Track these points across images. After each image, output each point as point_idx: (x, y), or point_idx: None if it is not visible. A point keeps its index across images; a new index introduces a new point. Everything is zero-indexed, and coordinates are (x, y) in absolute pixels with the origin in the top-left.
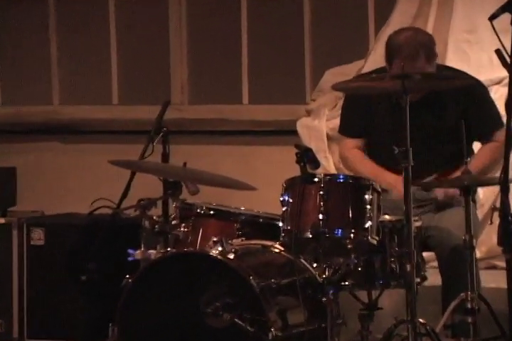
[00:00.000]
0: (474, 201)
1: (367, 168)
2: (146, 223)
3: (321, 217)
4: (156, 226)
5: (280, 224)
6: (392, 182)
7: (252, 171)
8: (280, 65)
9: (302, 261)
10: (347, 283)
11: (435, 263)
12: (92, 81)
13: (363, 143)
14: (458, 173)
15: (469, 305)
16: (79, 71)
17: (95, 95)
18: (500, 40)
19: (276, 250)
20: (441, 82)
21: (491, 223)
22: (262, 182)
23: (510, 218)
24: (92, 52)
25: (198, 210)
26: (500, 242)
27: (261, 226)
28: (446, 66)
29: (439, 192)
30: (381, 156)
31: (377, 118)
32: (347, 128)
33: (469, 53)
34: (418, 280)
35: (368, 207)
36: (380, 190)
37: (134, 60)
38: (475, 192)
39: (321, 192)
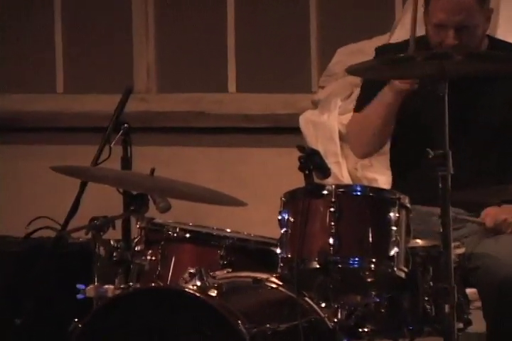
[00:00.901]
0: None
1: (371, 106)
2: (101, 249)
3: (331, 241)
4: (114, 254)
5: (278, 250)
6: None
7: (240, 181)
8: (278, 41)
9: (307, 299)
10: (366, 329)
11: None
12: (29, 62)
13: None
14: None
15: None
16: (10, 50)
17: (33, 81)
18: None
19: (273, 285)
20: (493, 65)
21: None
22: (253, 195)
23: None
24: (29, 24)
25: (170, 232)
26: None
27: (252, 254)
28: (499, 40)
29: (489, 217)
30: (410, 161)
31: (406, 109)
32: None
33: None
34: (460, 325)
35: (394, 228)
36: (409, 205)
37: (86, 35)
38: None
39: (332, 209)
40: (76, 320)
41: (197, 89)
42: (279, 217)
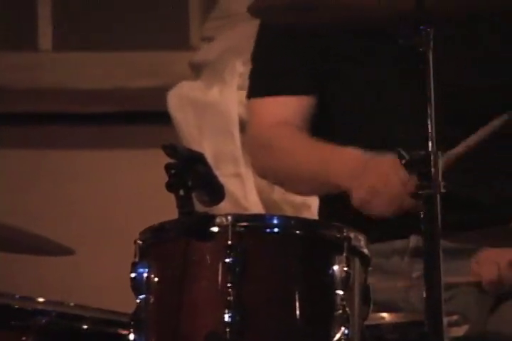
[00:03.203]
0: None
1: (310, 153)
2: None
3: (227, 317)
4: None
5: (131, 336)
6: (358, 166)
7: (59, 209)
8: None
9: None
10: None
11: None
12: None
13: (308, 112)
14: None
15: None
16: None
17: None
18: None
19: None
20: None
21: None
22: (85, 236)
23: None
24: None
25: None
26: None
27: None
28: None
29: (486, 272)
30: None
31: (350, 67)
32: (267, 75)
33: None
34: None
35: (340, 292)
36: (366, 251)
37: None
38: None
39: (228, 259)
40: None
41: None
42: (133, 275)
